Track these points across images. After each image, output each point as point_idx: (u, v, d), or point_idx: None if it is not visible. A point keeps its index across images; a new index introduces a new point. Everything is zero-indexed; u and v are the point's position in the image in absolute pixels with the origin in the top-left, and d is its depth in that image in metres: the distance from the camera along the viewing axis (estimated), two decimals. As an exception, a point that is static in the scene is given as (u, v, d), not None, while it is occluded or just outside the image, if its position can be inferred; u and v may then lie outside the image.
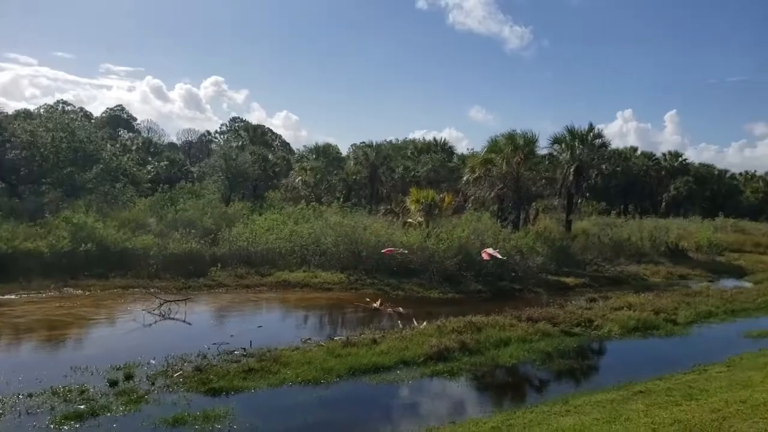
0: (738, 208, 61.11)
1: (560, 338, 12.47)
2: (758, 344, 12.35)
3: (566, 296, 18.08)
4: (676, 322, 14.19)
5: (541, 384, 10.45)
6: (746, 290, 19.30)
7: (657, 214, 54.73)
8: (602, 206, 51.54)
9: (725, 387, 8.27)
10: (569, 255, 22.87)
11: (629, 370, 10.44)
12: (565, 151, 28.52)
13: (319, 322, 14.67)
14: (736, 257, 28.88)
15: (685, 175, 63.25)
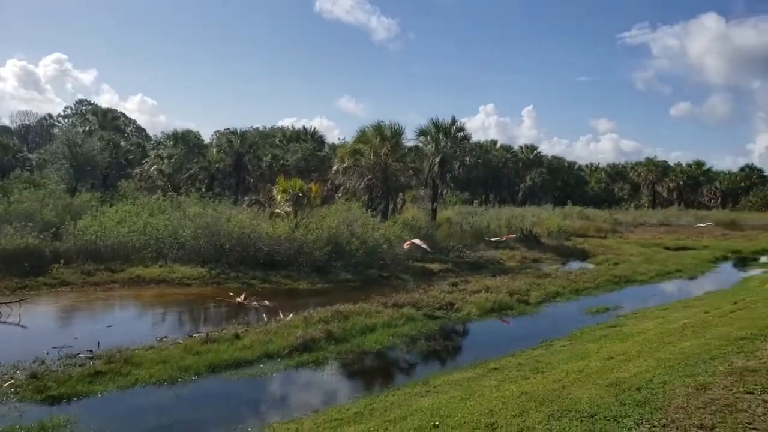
0: (584, 196, 68.33)
1: (423, 321, 13.05)
2: (596, 319, 13.89)
3: (431, 281, 18.93)
4: (528, 303, 15.51)
5: (405, 367, 10.85)
6: (589, 271, 21.60)
7: (515, 203, 59.44)
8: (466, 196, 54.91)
9: (567, 359, 9.16)
10: (434, 242, 23.96)
11: (486, 349, 11.20)
12: (430, 143, 29.83)
13: (178, 320, 13.92)
14: (581, 241, 32.17)
15: (540, 166, 69.28)
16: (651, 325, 11.48)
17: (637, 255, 26.92)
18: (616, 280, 19.38)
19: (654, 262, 24.24)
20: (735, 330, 8.75)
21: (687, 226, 44.26)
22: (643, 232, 40.26)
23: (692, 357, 7.25)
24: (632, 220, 45.05)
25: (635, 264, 23.22)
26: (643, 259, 25.07)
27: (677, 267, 23.32)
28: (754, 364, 6.10)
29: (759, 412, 4.56)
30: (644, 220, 46.34)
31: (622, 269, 21.68)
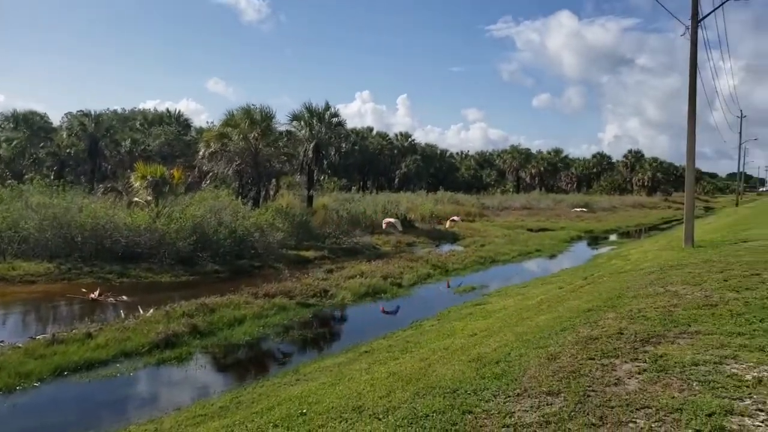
0: (456, 182, 71.63)
1: (296, 310, 12.88)
2: (463, 298, 14.62)
3: (306, 269, 18.75)
4: (401, 285, 15.94)
5: (276, 357, 10.63)
6: (458, 253, 22.68)
7: (391, 189, 60.77)
8: (343, 182, 55.10)
9: (434, 338, 9.49)
10: (310, 229, 23.79)
11: (359, 333, 11.32)
12: (304, 128, 29.45)
13: (21, 321, 12.48)
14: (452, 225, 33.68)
15: (414, 154, 71.38)
16: (512, 302, 12.28)
17: (502, 237, 28.74)
18: (482, 261, 20.58)
19: (517, 243, 26.06)
20: (584, 303, 9.55)
21: (546, 208, 48.13)
22: (508, 215, 43.07)
23: (546, 329, 7.78)
24: (498, 204, 48.02)
25: (500, 245, 24.80)
26: (507, 241, 26.86)
27: (537, 247, 25.29)
28: (596, 333, 6.65)
29: (597, 375, 4.95)
30: (509, 203, 49.61)
31: (488, 250, 23.06)
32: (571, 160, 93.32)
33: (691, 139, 16.82)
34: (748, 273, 9.89)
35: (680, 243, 17.01)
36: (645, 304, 7.90)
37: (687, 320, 6.57)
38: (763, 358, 4.98)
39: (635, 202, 65.84)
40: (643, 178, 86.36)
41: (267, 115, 26.59)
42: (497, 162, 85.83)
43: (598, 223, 40.46)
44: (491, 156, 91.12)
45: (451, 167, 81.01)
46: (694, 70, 16.59)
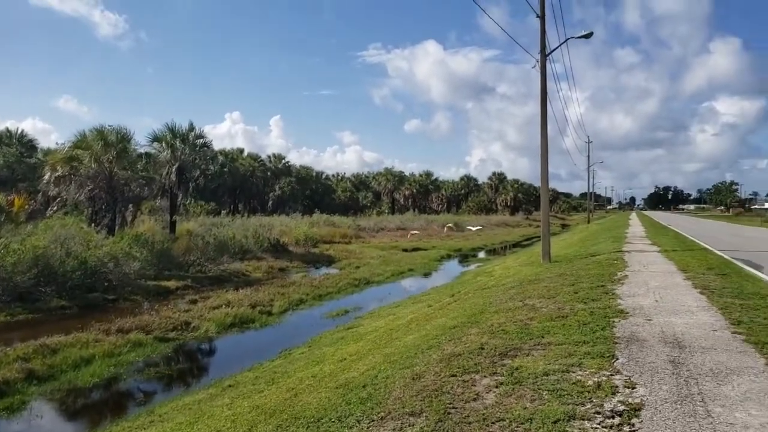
0: (332, 204, 71.90)
1: (154, 346, 11.99)
2: (336, 322, 14.51)
3: (167, 301, 17.59)
4: (271, 313, 15.49)
5: (128, 399, 9.75)
6: (332, 276, 22.60)
7: (265, 212, 59.51)
8: (212, 206, 53.01)
9: (303, 366, 9.26)
10: (172, 257, 22.44)
11: (224, 367, 10.76)
12: (165, 149, 27.95)
13: None
14: (328, 248, 33.63)
15: (289, 176, 70.72)
16: (383, 323, 12.39)
17: (376, 258, 29.18)
18: (356, 283, 20.68)
19: (390, 263, 26.59)
20: (450, 320, 9.86)
21: (419, 228, 49.80)
22: (383, 236, 43.95)
23: (413, 349, 7.89)
24: (374, 225, 48.88)
25: (374, 266, 25.14)
26: (382, 261, 27.31)
27: (410, 266, 25.97)
28: (460, 349, 6.85)
29: (458, 392, 5.07)
30: (384, 225, 50.69)
31: (363, 272, 23.26)
32: (442, 182, 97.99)
33: (544, 162, 18.29)
34: (595, 285, 10.84)
35: (539, 259, 18.31)
36: (505, 318, 8.31)
37: (541, 332, 6.98)
38: (603, 363, 5.41)
39: (499, 221, 70.42)
40: (506, 198, 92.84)
41: (123, 137, 24.87)
42: (373, 184, 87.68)
43: (467, 242, 42.60)
44: (367, 178, 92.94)
45: (327, 189, 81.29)
46: (544, 99, 18.14)
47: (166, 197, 28.22)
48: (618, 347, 6.02)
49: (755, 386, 4.67)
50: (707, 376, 4.99)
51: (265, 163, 70.09)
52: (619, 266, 14.09)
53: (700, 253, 17.95)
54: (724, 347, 5.98)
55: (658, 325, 7.14)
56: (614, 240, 25.36)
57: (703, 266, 13.83)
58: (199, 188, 34.22)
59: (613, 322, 7.34)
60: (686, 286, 10.64)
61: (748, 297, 9.22)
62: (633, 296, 9.46)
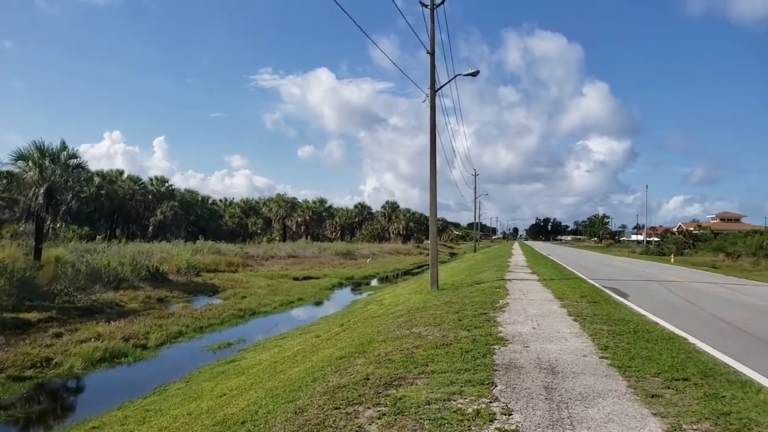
0: (219, 231, 69.47)
1: (7, 386, 10.76)
2: (218, 355, 13.86)
3: (26, 335, 15.90)
4: (147, 347, 14.50)
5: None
6: (215, 306, 21.66)
7: (145, 238, 56.22)
8: (86, 231, 49.24)
9: (179, 403, 8.72)
10: (35, 286, 20.41)
11: (90, 406, 9.88)
12: (32, 169, 25.64)
13: None
14: (212, 276, 32.27)
15: (172, 200, 67.46)
16: (268, 355, 12.03)
17: (264, 287, 28.43)
18: (241, 314, 19.96)
19: (279, 292, 26.01)
20: (337, 350, 9.77)
21: (312, 257, 49.39)
22: (273, 264, 43.01)
23: (297, 382, 7.71)
24: (263, 253, 47.74)
25: (262, 296, 24.46)
26: (270, 291, 26.64)
27: (300, 296, 25.56)
28: (345, 381, 6.78)
29: (341, 425, 4.99)
30: (275, 252, 49.68)
31: (249, 302, 22.53)
32: (336, 209, 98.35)
33: (433, 192, 18.92)
34: (478, 312, 11.26)
35: (428, 286, 18.76)
36: (392, 347, 8.36)
37: (426, 360, 7.10)
38: (483, 391, 5.58)
39: (392, 249, 71.70)
40: (399, 227, 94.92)
41: (-20, 152, 22.54)
42: (263, 210, 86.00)
43: (359, 270, 42.81)
44: (257, 204, 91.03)
45: (213, 215, 78.47)
46: (433, 133, 18.85)
47: (32, 221, 25.80)
48: (497, 374, 6.25)
49: (617, 408, 5.03)
50: (577, 400, 5.30)
51: (147, 185, 66.47)
52: (502, 294, 14.78)
53: (574, 282, 19.30)
54: (592, 371, 6.40)
55: (534, 352, 7.52)
56: (498, 268, 26.64)
57: (577, 294, 14.87)
58: (72, 212, 31.72)
59: (493, 349, 7.63)
60: (562, 313, 11.35)
61: (615, 323, 10.01)
62: (513, 324, 9.92)
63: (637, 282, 21.75)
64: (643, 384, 5.83)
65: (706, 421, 4.69)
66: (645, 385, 5.80)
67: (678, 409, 4.99)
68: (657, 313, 12.00)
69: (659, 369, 6.47)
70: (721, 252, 51.03)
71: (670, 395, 5.43)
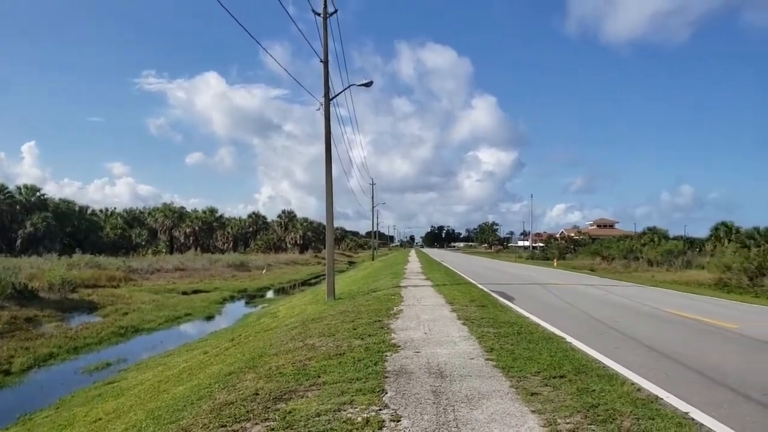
0: (99, 243, 64.88)
1: None
2: (94, 378, 12.94)
3: None
4: (10, 372, 13.24)
5: None
6: (93, 325, 20.21)
7: (13, 252, 51.40)
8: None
9: None
10: None
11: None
12: None
13: None
14: (90, 293, 30.08)
15: (45, 210, 62.26)
16: (151, 374, 11.41)
17: (149, 302, 26.95)
18: (122, 332, 18.79)
19: (165, 308, 24.77)
20: (226, 366, 9.47)
21: (202, 269, 47.52)
22: (159, 278, 40.91)
23: (182, 401, 7.38)
24: (148, 266, 45.24)
25: (145, 312, 23.17)
26: (155, 306, 25.30)
27: (188, 311, 24.48)
28: (233, 397, 6.59)
29: (226, 444, 4.83)
30: (161, 265, 47.25)
31: (131, 319, 21.26)
32: (228, 219, 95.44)
33: (329, 201, 18.92)
34: (372, 320, 11.38)
35: (324, 297, 18.70)
36: (284, 360, 8.24)
37: (318, 372, 7.06)
38: (373, 399, 5.64)
39: (289, 259, 70.74)
40: (296, 236, 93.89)
41: None
42: (149, 221, 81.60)
43: (253, 282, 41.81)
44: (142, 214, 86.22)
45: (93, 226, 73.22)
46: (328, 141, 18.89)
47: None
48: (388, 381, 6.34)
49: (500, 408, 5.28)
50: (462, 402, 5.50)
51: (14, 195, 60.87)
52: (396, 301, 15.05)
53: (465, 287, 20.08)
54: (478, 373, 6.68)
55: (425, 357, 7.72)
56: (394, 276, 27.12)
57: (467, 299, 15.48)
58: None
59: (385, 356, 7.74)
60: (452, 318, 11.75)
61: (501, 326, 10.53)
62: (406, 330, 10.13)
63: (522, 286, 23.03)
64: (524, 383, 6.17)
65: (578, 414, 5.05)
66: (526, 384, 6.14)
67: (554, 405, 5.33)
68: (539, 315, 12.77)
69: (539, 368, 6.88)
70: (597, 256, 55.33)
71: (548, 392, 5.80)
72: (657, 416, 5.04)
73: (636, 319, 12.90)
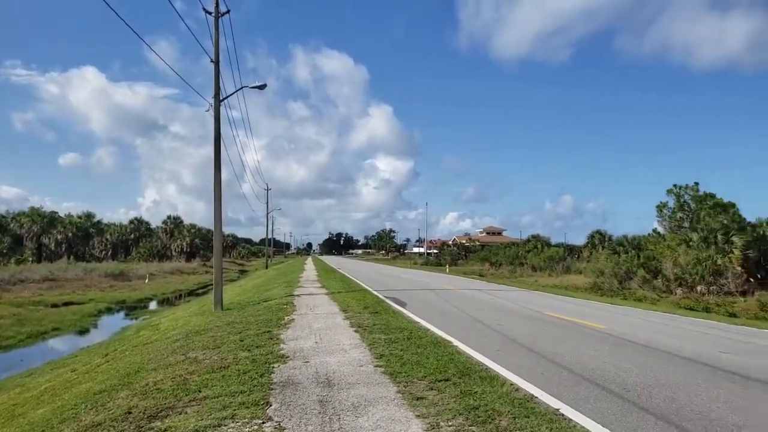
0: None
1: None
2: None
3: None
4: None
5: None
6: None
7: None
8: None
9: None
10: None
11: None
12: None
13: None
14: None
15: None
16: (5, 398, 10.42)
17: (9, 317, 24.56)
18: (-30, 352, 16.99)
19: (29, 322, 22.70)
20: (97, 384, 8.87)
21: (75, 279, 44.22)
22: (23, 289, 37.50)
23: (41, 425, 6.83)
24: (10, 276, 41.32)
25: (4, 328, 21.12)
26: (15, 321, 23.07)
27: (55, 325, 22.61)
28: (101, 417, 6.19)
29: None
30: (26, 275, 43.34)
31: (-18, 336, 19.29)
32: (107, 225, 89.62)
33: (217, 207, 18.34)
34: (261, 331, 11.16)
35: (211, 307, 18.04)
36: (163, 375, 7.87)
37: (199, 386, 6.80)
38: (257, 412, 5.52)
39: (174, 268, 67.51)
40: (182, 244, 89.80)
41: None
42: (12, 226, 74.66)
43: (133, 292, 39.55)
44: (5, 219, 78.70)
45: None
46: (218, 144, 18.33)
47: None
48: (273, 393, 6.24)
49: (386, 414, 5.36)
50: (349, 410, 5.52)
51: None
52: (288, 310, 14.87)
53: (360, 294, 20.24)
54: (366, 381, 6.75)
55: (313, 366, 7.67)
56: (288, 284, 26.76)
57: (361, 306, 15.61)
58: None
59: (272, 367, 7.61)
60: (345, 326, 11.79)
61: (392, 332, 10.71)
62: (296, 339, 10.03)
63: (415, 291, 23.60)
64: (411, 388, 6.32)
65: (460, 416, 5.24)
66: (412, 389, 6.29)
67: (438, 408, 5.50)
68: (429, 320, 13.14)
69: (426, 372, 7.07)
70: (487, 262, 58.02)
71: (433, 396, 5.97)
72: (532, 414, 5.36)
73: (518, 322, 13.64)
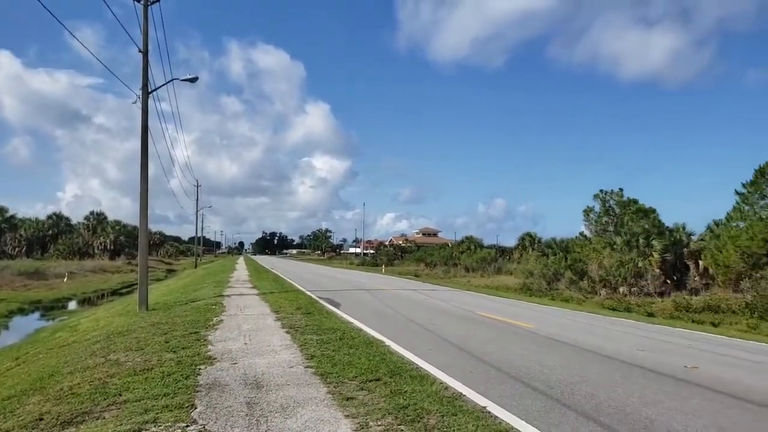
0: None
1: None
2: None
3: None
4: None
5: None
6: None
7: None
8: None
9: None
10: None
11: None
12: None
13: None
14: None
15: None
16: None
17: None
18: None
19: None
20: (6, 389, 8.40)
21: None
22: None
23: (-60, 435, 6.37)
24: None
25: None
26: None
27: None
28: (10, 425, 5.86)
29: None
30: (-73, 274, 40.50)
31: None
32: (22, 220, 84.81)
33: (143, 203, 17.69)
34: (188, 332, 10.85)
35: (135, 307, 17.40)
36: (81, 378, 7.52)
37: (119, 390, 6.54)
38: (181, 415, 5.36)
39: (97, 266, 64.62)
40: (106, 241, 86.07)
41: None
42: None
43: (50, 291, 37.61)
44: None
45: None
46: (145, 138, 17.68)
47: None
48: (199, 395, 6.08)
49: (315, 415, 5.32)
50: (277, 412, 5.45)
51: None
52: (217, 311, 14.53)
53: (293, 295, 20.03)
54: (296, 382, 6.68)
55: (242, 368, 7.53)
56: (217, 285, 26.15)
57: (294, 307, 15.45)
58: None
59: (199, 369, 7.42)
60: (276, 326, 11.64)
61: (324, 332, 10.66)
62: (224, 341, 9.81)
63: (350, 291, 23.60)
64: (341, 389, 6.31)
65: (390, 415, 5.28)
66: (342, 389, 6.28)
67: (368, 408, 5.52)
68: (364, 321, 13.16)
69: (357, 372, 7.07)
70: (422, 262, 58.76)
71: (363, 396, 5.98)
72: (459, 412, 5.46)
73: (450, 322, 13.89)
